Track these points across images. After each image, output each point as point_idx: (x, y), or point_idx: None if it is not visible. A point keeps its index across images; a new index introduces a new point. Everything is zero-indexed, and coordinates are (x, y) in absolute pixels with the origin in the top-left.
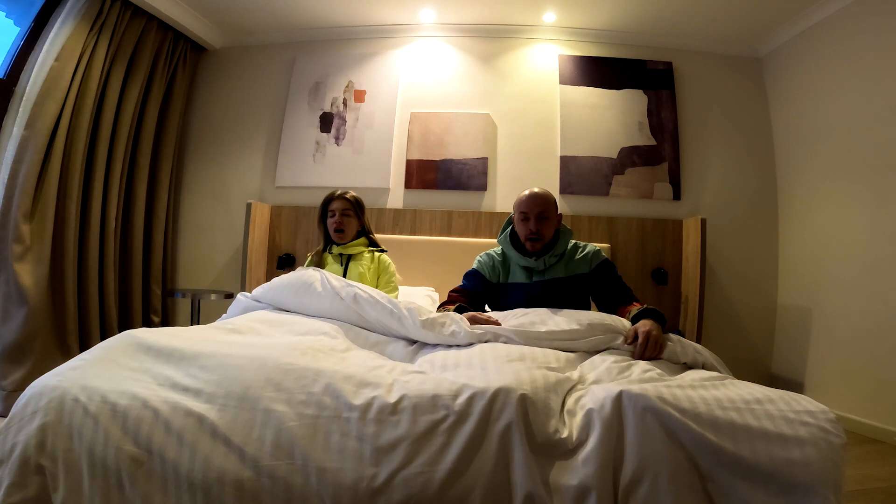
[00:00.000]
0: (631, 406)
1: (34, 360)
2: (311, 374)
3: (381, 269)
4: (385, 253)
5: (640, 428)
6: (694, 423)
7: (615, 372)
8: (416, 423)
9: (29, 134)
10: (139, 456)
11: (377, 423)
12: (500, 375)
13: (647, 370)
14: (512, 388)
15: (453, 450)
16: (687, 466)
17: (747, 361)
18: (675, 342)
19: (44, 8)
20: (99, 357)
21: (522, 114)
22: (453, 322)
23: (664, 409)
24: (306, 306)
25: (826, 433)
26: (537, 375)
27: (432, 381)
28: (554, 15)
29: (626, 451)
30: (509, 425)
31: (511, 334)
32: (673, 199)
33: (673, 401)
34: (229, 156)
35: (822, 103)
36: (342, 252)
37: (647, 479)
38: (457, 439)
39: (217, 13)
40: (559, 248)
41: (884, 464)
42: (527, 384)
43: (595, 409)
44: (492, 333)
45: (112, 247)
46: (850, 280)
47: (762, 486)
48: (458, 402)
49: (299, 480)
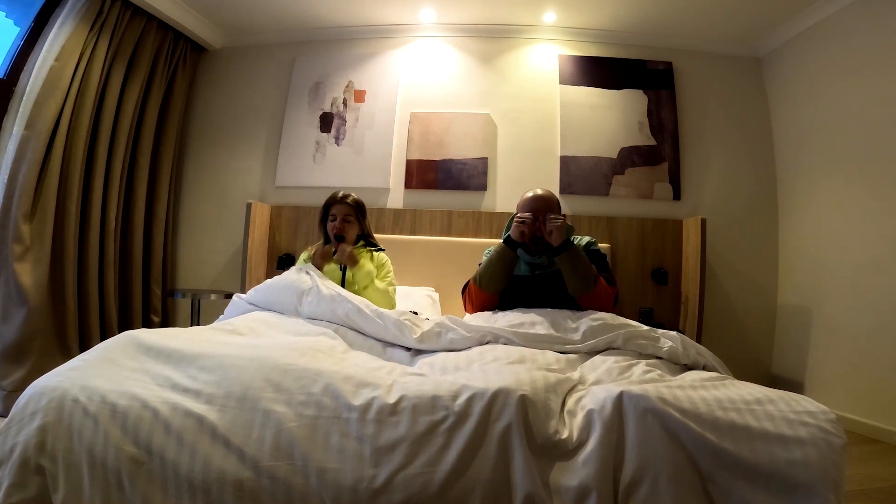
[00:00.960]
0: (632, 407)
1: (34, 360)
2: (310, 375)
3: (378, 266)
4: (383, 252)
5: (641, 429)
6: (694, 424)
7: (616, 373)
8: (415, 424)
9: (29, 134)
10: (139, 456)
11: (377, 423)
12: (499, 377)
13: (647, 371)
14: (511, 388)
15: (453, 450)
16: (687, 467)
17: (747, 361)
18: (676, 342)
19: (44, 8)
20: (99, 357)
21: (522, 114)
22: (449, 330)
23: (665, 410)
24: (302, 311)
25: (826, 433)
26: (537, 376)
27: (432, 383)
28: (554, 15)
29: (627, 451)
30: (509, 426)
31: (511, 335)
32: (673, 199)
33: (673, 401)
34: (229, 156)
35: (822, 103)
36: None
37: (648, 480)
38: (456, 440)
39: (217, 13)
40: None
41: (884, 464)
42: (527, 385)
43: (595, 410)
44: (492, 334)
45: (112, 247)
46: (850, 280)
47: (762, 487)
48: (458, 403)
49: (299, 481)
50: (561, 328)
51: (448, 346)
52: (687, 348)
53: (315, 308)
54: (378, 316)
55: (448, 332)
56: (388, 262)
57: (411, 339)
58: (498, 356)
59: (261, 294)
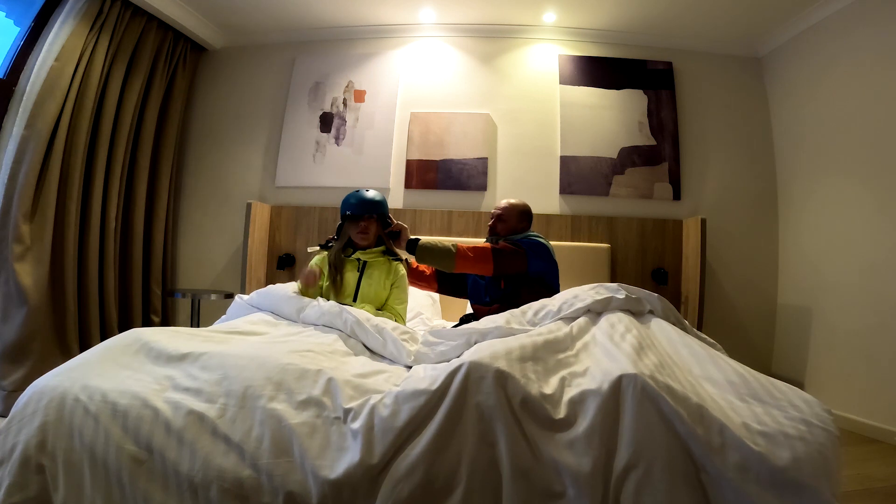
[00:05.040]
0: (630, 391)
1: (34, 360)
2: (311, 375)
3: (395, 280)
4: (401, 263)
5: (638, 415)
6: (686, 414)
7: (607, 344)
8: (399, 413)
9: (29, 134)
10: (139, 455)
11: (367, 418)
12: (476, 355)
13: (624, 333)
14: (486, 362)
15: (431, 427)
16: (682, 456)
17: (747, 361)
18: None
19: (44, 8)
20: (100, 356)
21: (522, 114)
22: (439, 342)
23: (661, 396)
24: (303, 318)
25: (811, 426)
26: (513, 346)
27: (416, 378)
28: (554, 15)
29: (623, 436)
30: (487, 396)
31: (498, 332)
32: (673, 200)
33: (668, 389)
34: (229, 156)
35: (822, 103)
36: (360, 257)
37: (642, 466)
38: (435, 418)
39: (217, 13)
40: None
41: (884, 464)
42: (501, 357)
43: (592, 390)
44: (478, 333)
45: (112, 247)
46: (850, 280)
47: (753, 479)
48: (436, 385)
49: (298, 478)
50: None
51: (441, 357)
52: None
53: (317, 317)
54: (378, 332)
55: (437, 346)
56: (405, 277)
57: (408, 361)
58: (482, 346)
59: (263, 298)
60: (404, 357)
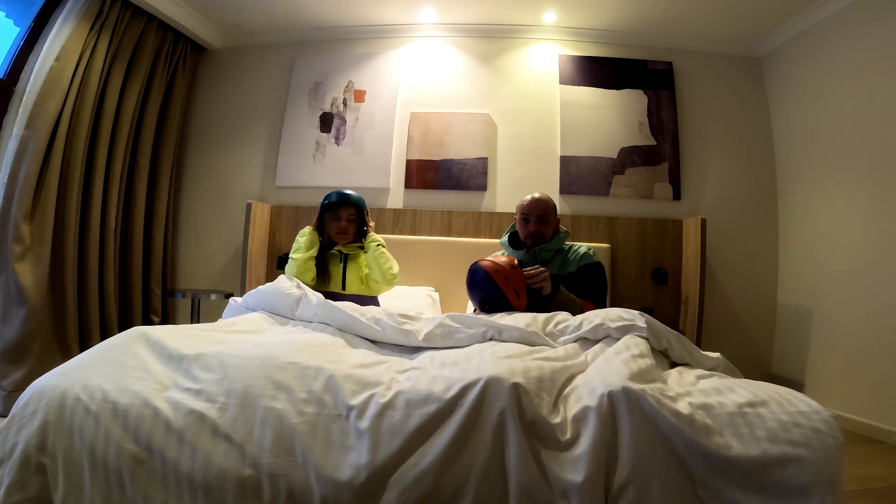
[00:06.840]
0: (628, 408)
1: (34, 360)
2: (311, 372)
3: (369, 249)
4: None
5: (636, 431)
6: (688, 429)
7: (614, 360)
8: (410, 418)
9: (29, 134)
10: (140, 455)
11: (374, 419)
12: (493, 367)
13: (637, 357)
14: (504, 377)
15: (443, 437)
16: (678, 473)
17: (747, 361)
18: (682, 343)
19: (44, 8)
20: (100, 356)
21: (522, 114)
22: (457, 328)
23: (660, 412)
24: (298, 315)
25: (819, 434)
26: (531, 366)
27: (427, 378)
28: (554, 15)
29: (621, 452)
30: (502, 412)
31: (516, 333)
32: (673, 199)
33: (669, 405)
34: (229, 156)
35: (822, 103)
36: (341, 250)
37: (638, 484)
38: (447, 427)
39: (217, 13)
40: (553, 245)
41: (884, 464)
42: (519, 374)
43: (592, 407)
44: (495, 330)
45: (112, 247)
46: (850, 279)
47: (756, 490)
48: (450, 394)
49: (300, 477)
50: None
51: (454, 343)
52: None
53: (312, 316)
54: (375, 322)
55: (452, 331)
56: (379, 247)
57: (416, 340)
58: (496, 351)
59: (256, 298)
60: (412, 339)
